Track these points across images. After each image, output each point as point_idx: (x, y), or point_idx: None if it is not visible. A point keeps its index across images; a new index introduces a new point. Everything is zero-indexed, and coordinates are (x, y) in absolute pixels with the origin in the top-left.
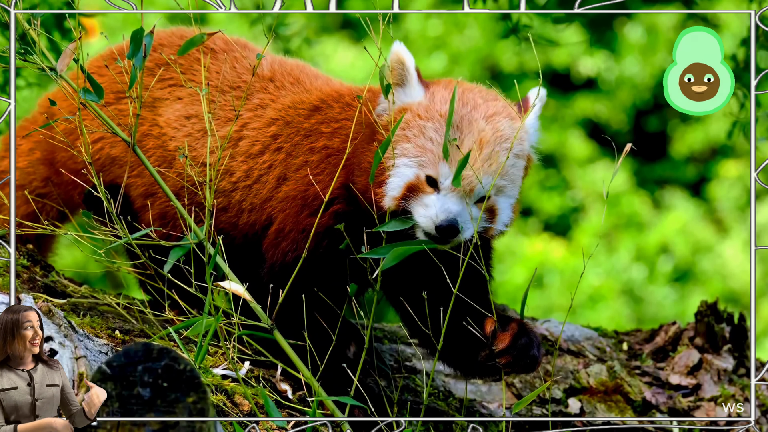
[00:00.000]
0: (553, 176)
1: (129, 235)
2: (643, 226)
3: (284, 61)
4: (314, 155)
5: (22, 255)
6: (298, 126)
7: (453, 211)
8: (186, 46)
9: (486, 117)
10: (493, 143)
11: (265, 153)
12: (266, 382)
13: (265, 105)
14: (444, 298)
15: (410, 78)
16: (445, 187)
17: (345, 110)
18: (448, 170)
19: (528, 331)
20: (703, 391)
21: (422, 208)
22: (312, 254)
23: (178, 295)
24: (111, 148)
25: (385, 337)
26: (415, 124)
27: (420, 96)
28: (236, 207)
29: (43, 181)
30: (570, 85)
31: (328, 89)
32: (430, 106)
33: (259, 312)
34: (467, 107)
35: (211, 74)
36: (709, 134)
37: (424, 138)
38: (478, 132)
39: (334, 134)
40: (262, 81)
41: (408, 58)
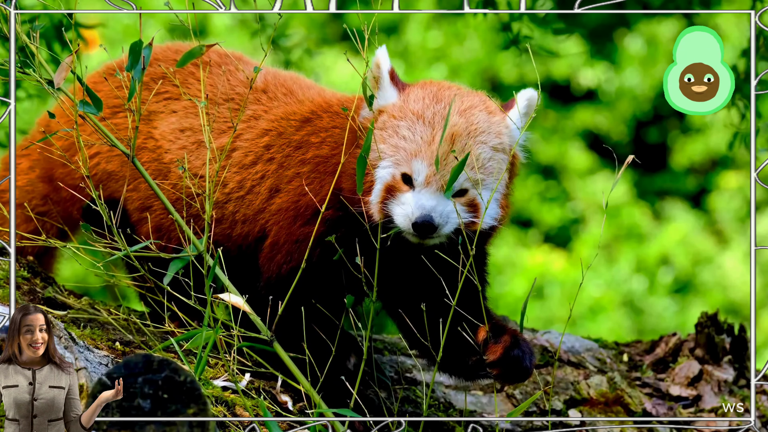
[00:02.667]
0: (553, 187)
1: (128, 247)
2: (644, 237)
3: (278, 73)
4: (305, 166)
5: (23, 267)
6: (289, 137)
7: (427, 207)
8: (185, 58)
9: (460, 111)
10: (465, 136)
11: (258, 163)
12: (267, 394)
13: (258, 116)
14: (440, 304)
15: (383, 81)
16: (419, 183)
17: (334, 119)
18: (422, 166)
19: (520, 343)
20: (704, 402)
21: (399, 207)
22: (307, 264)
23: (178, 307)
24: (107, 163)
25: (386, 349)
26: (390, 124)
27: (394, 97)
28: (230, 218)
29: (43, 198)
30: (570, 96)
31: (319, 100)
32: (403, 106)
33: (259, 324)
34: (441, 104)
35: (205, 87)
36: (710, 145)
37: (398, 137)
38: (450, 126)
39: (323, 143)
40: (255, 92)
41: (383, 62)
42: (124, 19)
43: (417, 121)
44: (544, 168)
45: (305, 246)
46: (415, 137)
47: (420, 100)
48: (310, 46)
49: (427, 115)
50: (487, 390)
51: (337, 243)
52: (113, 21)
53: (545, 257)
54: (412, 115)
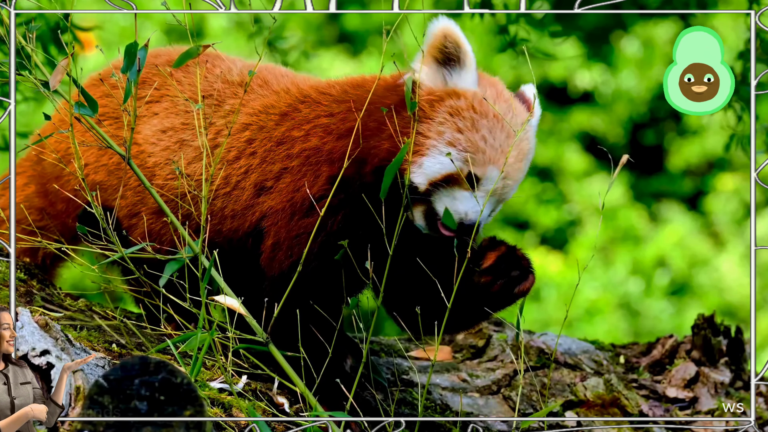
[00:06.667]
0: (549, 190)
1: (123, 250)
2: (640, 239)
3: (251, 65)
4: (293, 161)
5: (19, 268)
6: (270, 132)
7: (479, 212)
8: (182, 58)
9: (520, 123)
10: (526, 152)
11: (241, 158)
12: (263, 395)
13: (237, 110)
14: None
15: (469, 62)
16: (484, 189)
17: (314, 109)
18: (495, 174)
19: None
20: (700, 404)
21: (449, 200)
22: (307, 256)
23: (174, 309)
24: (95, 174)
25: (382, 350)
26: (468, 115)
27: (474, 85)
28: (218, 214)
29: (39, 213)
30: (567, 98)
31: (294, 91)
32: (484, 102)
33: (255, 326)
34: (510, 112)
35: (183, 87)
36: (706, 148)
37: (477, 135)
38: (519, 141)
39: (309, 135)
40: (232, 86)
41: (465, 41)
42: (121, 21)
43: (497, 124)
44: (540, 170)
45: (306, 239)
46: (495, 143)
47: (496, 99)
48: (307, 48)
49: (505, 122)
50: (484, 392)
51: (336, 231)
52: (110, 23)
53: (542, 259)
54: (493, 117)
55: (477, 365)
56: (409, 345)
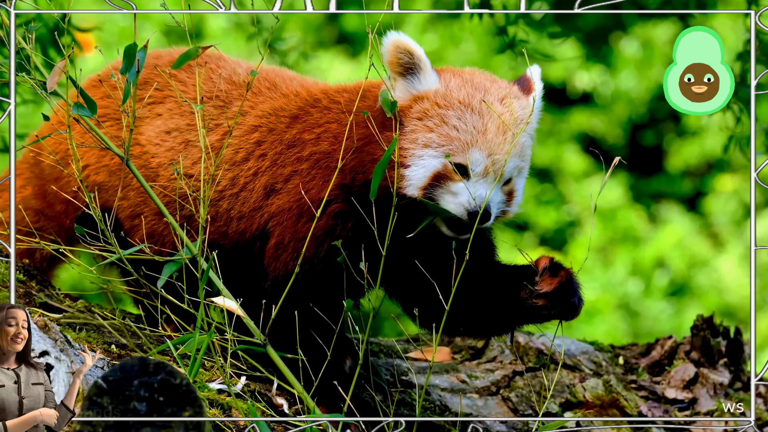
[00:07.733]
0: (548, 191)
1: (121, 251)
2: (639, 240)
3: (255, 68)
4: (303, 164)
5: (18, 269)
6: (280, 135)
7: (485, 197)
8: (181, 59)
9: (499, 100)
10: (512, 125)
11: (250, 160)
12: (262, 397)
13: (245, 112)
14: (447, 279)
15: (424, 65)
16: (476, 173)
17: (325, 114)
18: (480, 156)
19: (574, 282)
20: (700, 405)
21: (450, 196)
22: (313, 259)
23: (173, 310)
24: (96, 175)
25: (381, 352)
26: (435, 113)
27: (435, 83)
28: (224, 216)
29: (37, 215)
30: (566, 99)
31: (304, 94)
32: (447, 94)
33: (252, 328)
34: (481, 92)
35: (188, 87)
36: (705, 148)
37: (448, 126)
38: (497, 116)
39: (320, 139)
40: (239, 88)
41: (416, 46)
42: (120, 21)
43: (465, 110)
44: (539, 171)
45: (312, 242)
46: (468, 127)
47: (462, 88)
48: (306, 49)
49: (474, 104)
50: (483, 393)
51: (345, 237)
52: (109, 24)
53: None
54: (458, 104)
55: (476, 366)
56: (408, 346)
